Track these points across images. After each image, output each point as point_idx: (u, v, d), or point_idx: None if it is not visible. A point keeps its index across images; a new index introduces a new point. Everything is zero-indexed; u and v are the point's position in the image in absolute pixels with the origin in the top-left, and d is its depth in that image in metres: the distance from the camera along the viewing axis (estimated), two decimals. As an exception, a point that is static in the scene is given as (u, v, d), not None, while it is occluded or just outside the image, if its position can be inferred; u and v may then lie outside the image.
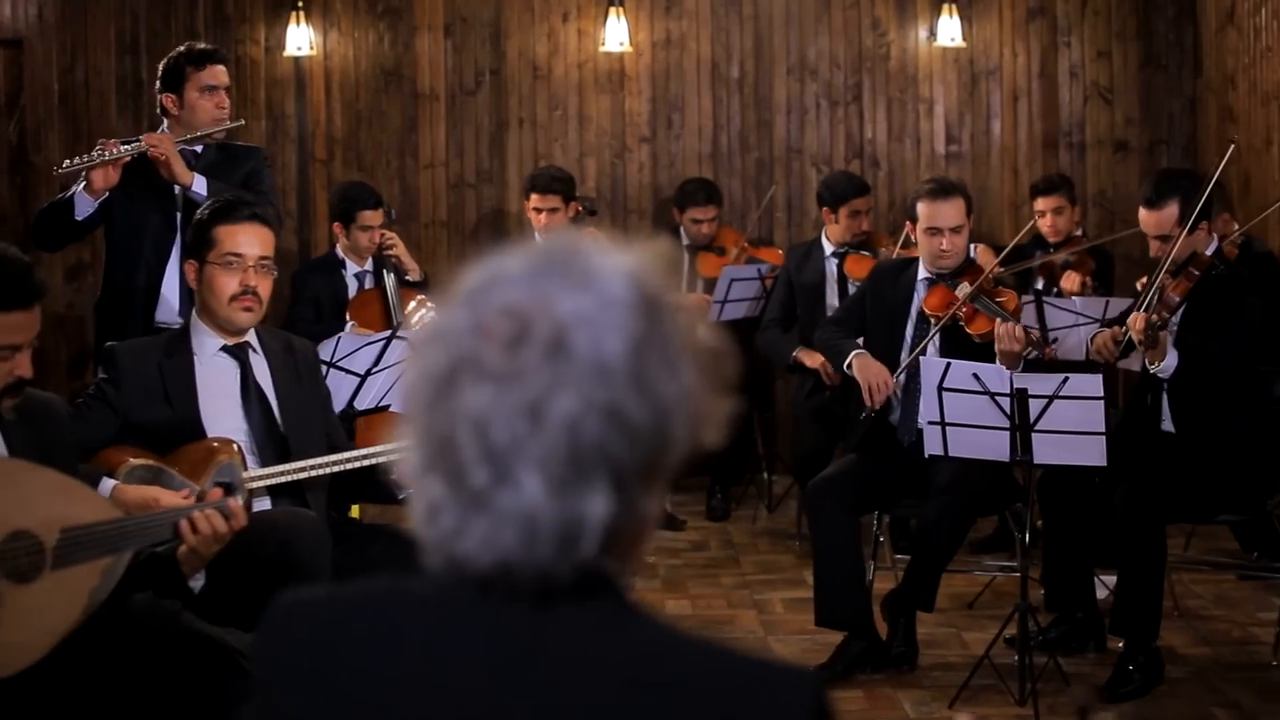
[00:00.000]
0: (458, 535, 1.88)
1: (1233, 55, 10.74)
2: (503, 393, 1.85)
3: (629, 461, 1.87)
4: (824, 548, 7.01)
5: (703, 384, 1.92)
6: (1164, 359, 6.67)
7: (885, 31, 11.39)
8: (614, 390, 1.85)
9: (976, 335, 7.09)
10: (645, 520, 1.96)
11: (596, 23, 11.28)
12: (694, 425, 1.92)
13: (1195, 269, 6.87)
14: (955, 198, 7.26)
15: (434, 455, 1.89)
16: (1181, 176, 7.32)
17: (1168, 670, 6.82)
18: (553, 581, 1.88)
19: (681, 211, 10.37)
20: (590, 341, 1.85)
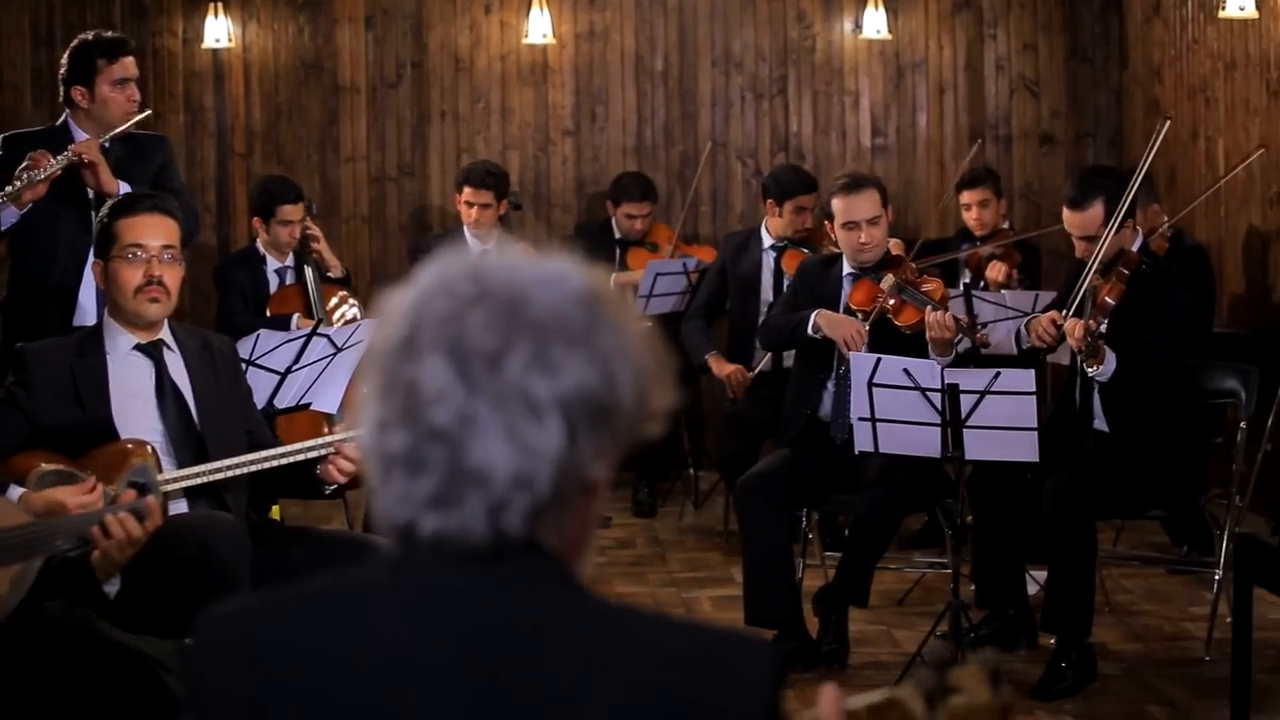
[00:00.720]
0: (410, 495, 1.91)
1: (1159, 48, 10.72)
2: (464, 345, 1.90)
3: (580, 416, 1.91)
4: (753, 545, 6.93)
5: (648, 363, 1.98)
6: (1103, 364, 6.60)
7: (811, 24, 11.32)
8: (569, 348, 1.91)
9: (905, 326, 7.03)
10: (592, 490, 1.97)
11: (519, 15, 11.17)
12: (641, 400, 1.97)
13: (1124, 268, 6.80)
14: (868, 189, 7.22)
15: (392, 409, 1.92)
16: (1105, 175, 7.24)
17: (1100, 667, 6.76)
18: (504, 544, 1.91)
19: (615, 206, 10.27)
20: (548, 302, 1.92)
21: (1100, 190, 6.90)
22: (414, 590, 1.94)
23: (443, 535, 1.92)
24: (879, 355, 6.48)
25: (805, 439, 7.22)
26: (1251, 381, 7.33)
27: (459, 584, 1.92)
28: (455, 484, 1.90)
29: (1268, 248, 9.36)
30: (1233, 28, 9.59)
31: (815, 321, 7.18)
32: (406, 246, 10.93)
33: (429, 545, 1.93)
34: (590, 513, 2.01)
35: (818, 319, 7.18)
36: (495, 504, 1.90)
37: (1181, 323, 6.83)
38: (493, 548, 1.91)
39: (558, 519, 1.95)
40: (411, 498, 1.92)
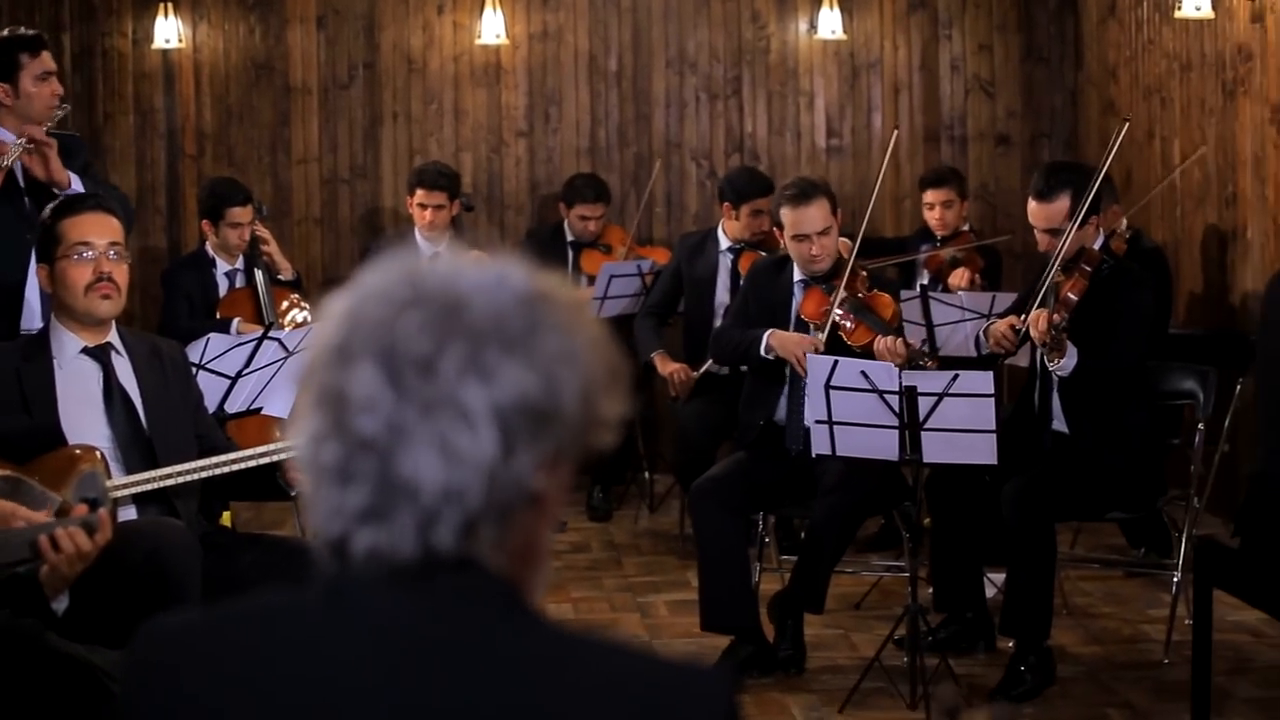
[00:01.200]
0: (342, 508, 1.85)
1: (1114, 48, 10.71)
2: (395, 351, 1.83)
3: (518, 425, 1.83)
4: (709, 550, 6.87)
5: (597, 368, 1.90)
6: (1064, 357, 6.56)
7: (765, 24, 11.28)
8: (506, 353, 1.83)
9: (857, 346, 6.96)
10: (538, 504, 1.88)
11: (472, 15, 11.10)
12: (589, 407, 1.89)
13: (1087, 265, 6.77)
14: (818, 199, 7.11)
15: (323, 420, 1.86)
16: (1073, 169, 7.21)
17: (1059, 670, 6.73)
18: (435, 560, 1.84)
19: (569, 207, 10.22)
20: (486, 306, 1.85)
21: (1067, 184, 6.87)
22: (343, 609, 1.88)
23: (374, 551, 1.85)
24: (836, 358, 6.42)
25: (761, 444, 7.16)
26: (1209, 383, 7.30)
27: (388, 603, 1.86)
28: (385, 496, 1.83)
29: (1224, 248, 9.34)
30: (1188, 28, 9.58)
31: (768, 342, 7.11)
32: (359, 248, 10.85)
33: (361, 561, 1.86)
34: (538, 528, 1.93)
35: (770, 340, 7.10)
36: (425, 518, 1.83)
37: (1141, 323, 6.82)
38: (423, 564, 1.84)
39: (498, 534, 1.86)
40: (343, 511, 1.85)
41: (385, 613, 1.85)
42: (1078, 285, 6.75)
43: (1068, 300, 6.72)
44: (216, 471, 5.32)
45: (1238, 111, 9.09)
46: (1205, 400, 7.28)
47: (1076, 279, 6.76)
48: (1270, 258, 8.77)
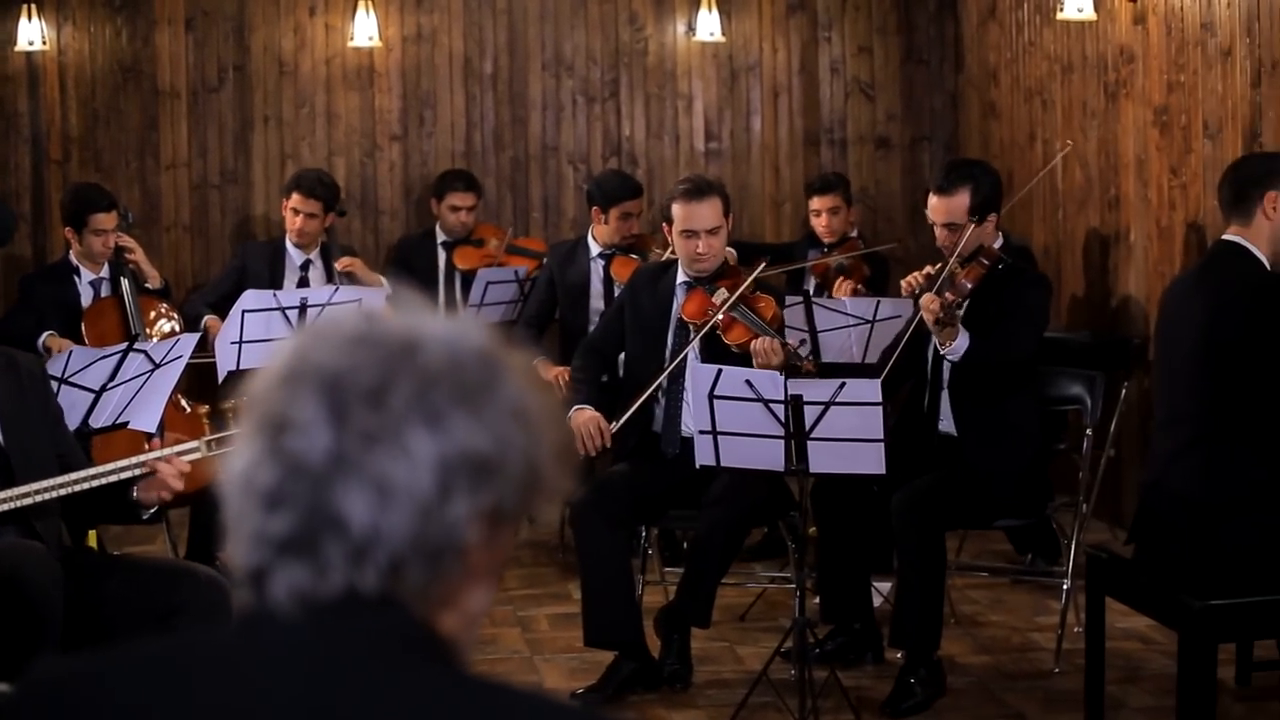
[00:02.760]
0: (265, 533, 1.77)
1: (994, 50, 10.66)
2: (342, 381, 1.77)
3: (458, 473, 1.77)
4: (591, 564, 6.71)
5: (548, 437, 1.85)
6: (955, 340, 6.47)
7: (643, 26, 11.15)
8: (457, 402, 1.78)
9: (734, 345, 6.83)
10: (467, 556, 1.79)
11: (345, 17, 10.90)
12: (533, 473, 1.83)
13: (985, 259, 6.73)
14: (711, 198, 6.97)
15: (261, 445, 1.79)
16: (974, 165, 7.20)
17: (949, 681, 6.66)
18: (357, 601, 1.76)
19: (439, 200, 10.07)
20: (442, 353, 1.80)
21: (968, 179, 6.85)
22: (258, 649, 1.78)
23: (294, 587, 1.76)
24: (719, 366, 6.26)
25: (641, 453, 7.01)
26: (1097, 388, 7.24)
27: (304, 643, 1.76)
28: (313, 526, 1.75)
29: (1107, 251, 9.30)
30: (1069, 30, 9.54)
31: (571, 415, 6.91)
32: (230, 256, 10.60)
33: (278, 597, 1.77)
34: (467, 584, 1.83)
35: (573, 414, 6.91)
36: (352, 553, 1.74)
37: (1034, 320, 6.77)
38: (344, 603, 1.76)
39: (425, 581, 1.78)
40: (266, 537, 1.77)
41: (301, 653, 1.76)
42: (973, 273, 6.70)
43: (961, 286, 6.66)
44: (78, 488, 5.09)
45: (1120, 113, 9.05)
46: (1093, 405, 7.21)
47: (973, 268, 6.71)
48: (1154, 260, 8.74)
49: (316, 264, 9.36)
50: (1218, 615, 5.32)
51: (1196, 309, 5.63)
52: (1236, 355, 5.47)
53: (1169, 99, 8.52)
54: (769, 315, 6.92)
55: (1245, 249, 5.63)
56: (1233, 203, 5.72)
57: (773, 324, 6.90)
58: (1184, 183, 8.39)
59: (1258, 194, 5.63)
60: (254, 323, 7.44)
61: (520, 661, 7.20)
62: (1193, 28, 8.26)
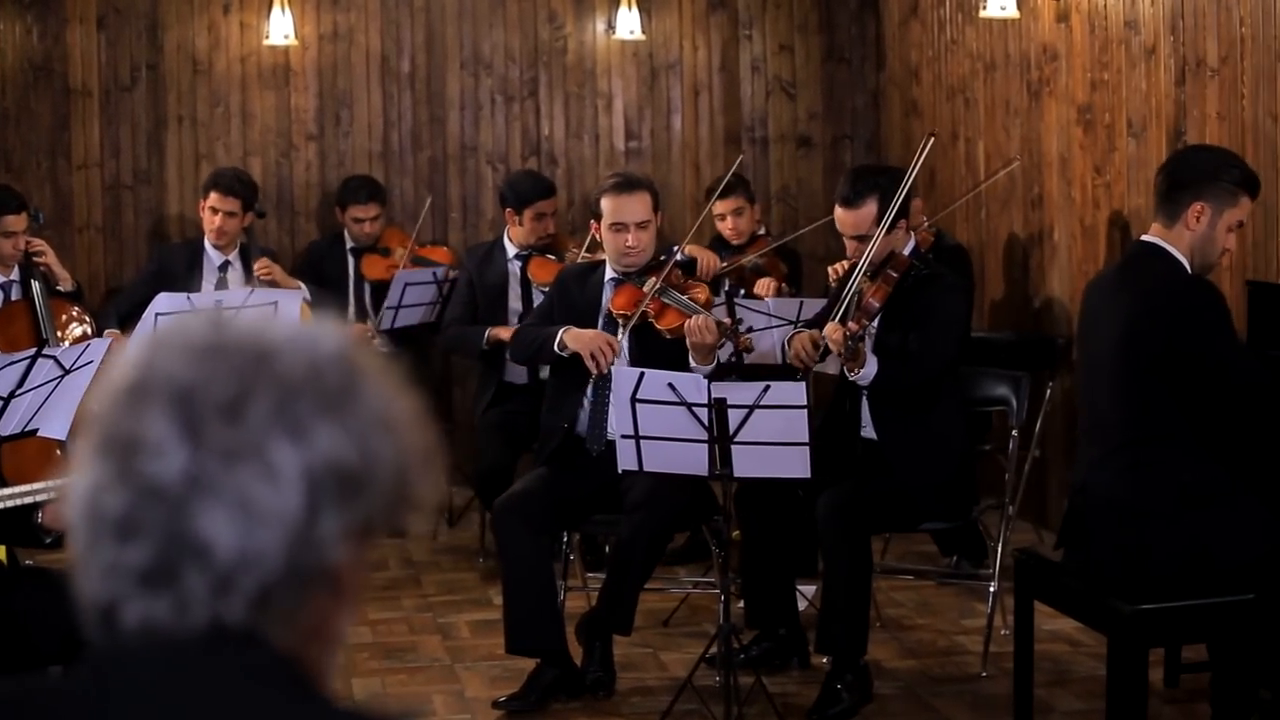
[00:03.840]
0: (118, 566, 1.63)
1: (916, 48, 10.61)
2: (195, 395, 1.64)
3: (326, 488, 1.65)
4: (513, 570, 6.60)
5: (415, 444, 1.74)
6: (864, 367, 6.38)
7: (562, 24, 11.04)
8: (320, 412, 1.66)
9: (667, 331, 6.75)
10: (335, 579, 1.68)
11: (259, 15, 10.73)
12: (401, 483, 1.72)
13: (894, 270, 6.59)
14: (640, 192, 6.93)
15: (108, 466, 1.65)
16: (879, 173, 7.03)
17: (876, 686, 6.59)
18: (222, 636, 1.63)
19: (343, 210, 9.91)
20: (299, 360, 1.68)
21: (874, 188, 6.71)
22: (103, 694, 1.63)
23: (149, 623, 1.63)
24: (642, 370, 6.16)
25: (563, 456, 6.90)
26: (1022, 389, 7.18)
27: (156, 685, 1.62)
28: (172, 555, 1.61)
29: (1030, 251, 9.26)
30: (992, 28, 9.49)
31: (562, 338, 6.85)
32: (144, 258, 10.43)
33: (132, 636, 1.64)
34: (334, 608, 1.72)
35: (564, 336, 6.85)
36: (217, 583, 1.61)
37: (952, 329, 6.66)
38: (207, 639, 1.63)
39: (291, 610, 1.66)
40: (119, 569, 1.63)
41: (155, 697, 1.62)
42: (880, 292, 6.56)
43: (869, 307, 6.53)
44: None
45: (1043, 112, 9.01)
46: (1018, 406, 7.16)
47: (880, 285, 6.57)
48: (1078, 259, 8.70)
49: (235, 265, 9.21)
50: (1148, 620, 5.27)
51: (1118, 312, 5.54)
52: (1160, 358, 5.39)
53: (1093, 97, 8.49)
54: (702, 299, 6.85)
55: (1165, 250, 5.54)
56: (1164, 198, 5.62)
57: (706, 306, 6.82)
58: (1108, 181, 8.36)
59: (1186, 199, 5.53)
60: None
61: (440, 670, 7.08)
62: (1116, 26, 8.22)
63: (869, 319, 6.51)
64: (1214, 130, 7.44)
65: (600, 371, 6.74)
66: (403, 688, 6.86)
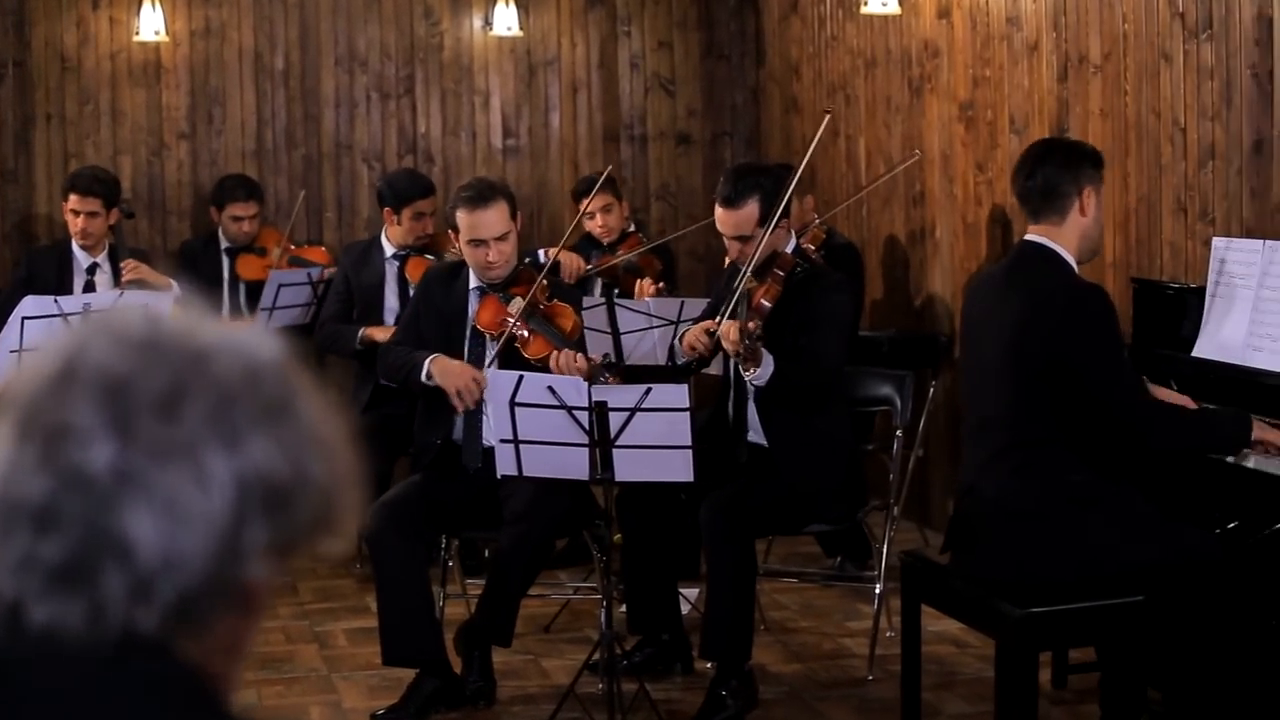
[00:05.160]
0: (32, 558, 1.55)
1: (796, 45, 10.55)
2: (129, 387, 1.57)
3: (254, 499, 1.59)
4: (389, 579, 6.45)
5: (343, 467, 1.68)
6: (761, 367, 6.27)
7: (438, 20, 10.90)
8: (254, 422, 1.60)
9: (534, 359, 6.58)
10: (247, 596, 1.62)
11: (129, 11, 10.52)
12: (326, 504, 1.65)
13: (780, 269, 6.49)
14: (496, 203, 6.67)
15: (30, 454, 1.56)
16: (759, 172, 6.88)
17: (761, 691, 6.51)
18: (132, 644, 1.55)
19: (220, 210, 9.71)
20: (234, 366, 1.62)
21: (755, 188, 6.58)
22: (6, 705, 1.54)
23: (57, 626, 1.54)
24: (521, 373, 6.04)
25: (439, 464, 6.75)
26: (906, 388, 7.12)
27: (57, 698, 1.54)
28: (91, 552, 1.53)
29: (911, 249, 9.21)
30: (873, 24, 9.44)
31: (429, 369, 6.67)
32: (11, 259, 10.21)
33: (37, 638, 1.55)
34: (243, 626, 1.65)
35: (431, 366, 6.65)
36: (136, 587, 1.54)
37: (840, 328, 6.57)
38: (117, 648, 1.54)
39: (203, 623, 1.58)
40: (32, 563, 1.54)
41: (56, 709, 1.54)
42: (771, 291, 6.46)
43: (761, 307, 6.43)
44: None
45: (925, 109, 8.97)
46: (903, 406, 7.09)
47: (770, 285, 6.48)
48: (960, 257, 8.66)
49: (104, 267, 9.00)
50: (1037, 623, 5.19)
51: (1005, 315, 5.45)
52: (1049, 362, 5.31)
53: (975, 94, 8.45)
54: (568, 327, 6.69)
55: (1053, 251, 5.45)
56: (1044, 200, 5.52)
57: (572, 335, 6.66)
58: (990, 178, 8.32)
59: (1074, 190, 5.46)
60: (35, 330, 7.12)
61: (317, 680, 6.93)
62: (998, 22, 8.18)
63: (763, 319, 6.40)
64: (1096, 127, 7.42)
65: (462, 409, 6.59)
66: (279, 699, 6.71)
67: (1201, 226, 6.79)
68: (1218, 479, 5.53)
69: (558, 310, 6.73)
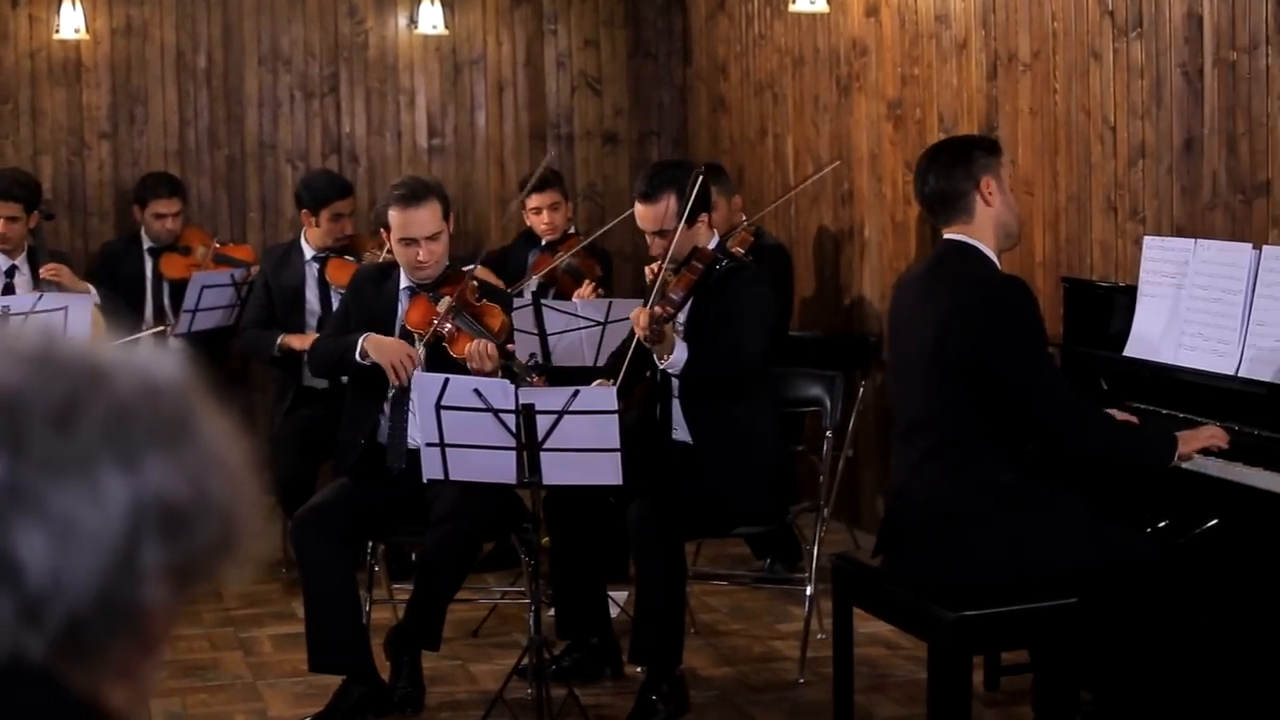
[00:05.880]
0: None
1: (724, 43, 10.50)
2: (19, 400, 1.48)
3: (151, 523, 1.49)
4: (315, 585, 6.36)
5: (245, 493, 1.59)
6: (672, 353, 6.22)
7: (363, 19, 10.80)
8: (152, 443, 1.50)
9: (460, 357, 6.50)
10: (144, 624, 1.52)
11: (49, 8, 10.37)
12: (227, 531, 1.56)
13: (698, 263, 6.47)
14: (429, 202, 6.61)
15: None
16: (676, 168, 6.89)
17: (692, 695, 6.46)
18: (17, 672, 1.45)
19: (143, 208, 9.56)
20: (133, 386, 1.53)
21: (672, 183, 6.58)
22: None
23: None
24: (447, 375, 5.96)
25: (364, 467, 6.66)
26: (836, 389, 7.08)
27: None
28: None
29: (839, 249, 9.17)
30: (801, 22, 9.40)
31: (363, 346, 6.60)
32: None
33: None
34: (140, 656, 1.54)
35: (365, 343, 6.59)
36: (24, 610, 1.44)
37: (761, 319, 6.50)
38: (3, 676, 1.45)
39: (95, 651, 1.48)
40: None
41: None
42: (684, 280, 6.45)
43: (672, 296, 6.40)
44: None
45: (853, 107, 8.93)
46: (832, 407, 7.05)
47: (684, 275, 6.47)
48: (889, 256, 8.63)
49: (23, 269, 8.85)
50: (970, 627, 5.14)
51: (929, 314, 5.40)
52: (975, 360, 5.26)
53: (903, 92, 8.41)
54: (496, 325, 6.62)
55: (973, 247, 5.41)
56: (946, 207, 5.47)
57: (499, 334, 6.59)
58: (919, 177, 8.28)
59: (970, 186, 5.41)
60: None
61: (243, 688, 6.84)
62: (927, 20, 8.15)
63: (673, 307, 6.37)
64: (1026, 125, 7.40)
65: (400, 383, 6.51)
66: (204, 708, 6.61)
67: (1132, 225, 6.77)
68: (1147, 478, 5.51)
69: (486, 309, 6.66)
